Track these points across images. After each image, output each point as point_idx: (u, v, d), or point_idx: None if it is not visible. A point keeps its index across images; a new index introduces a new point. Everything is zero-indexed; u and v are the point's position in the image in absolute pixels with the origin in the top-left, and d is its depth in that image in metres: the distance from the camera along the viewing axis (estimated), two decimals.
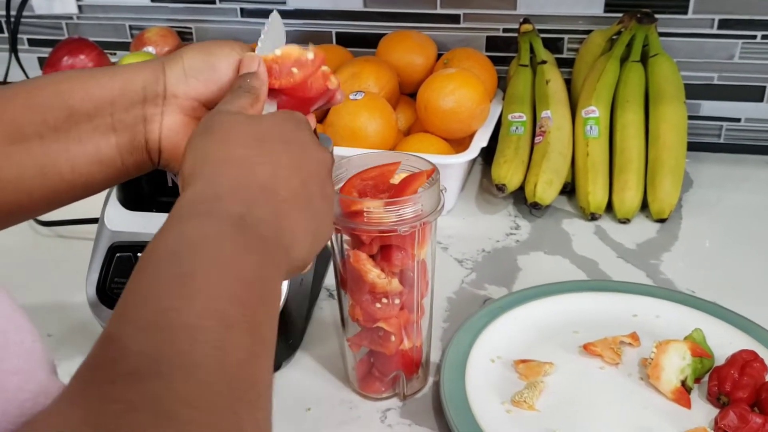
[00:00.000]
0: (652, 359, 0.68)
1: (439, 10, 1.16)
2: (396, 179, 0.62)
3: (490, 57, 1.12)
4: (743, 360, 0.66)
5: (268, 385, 0.39)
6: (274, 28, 0.61)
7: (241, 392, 0.35)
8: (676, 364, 0.66)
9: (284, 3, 1.21)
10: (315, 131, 0.59)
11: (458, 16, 1.16)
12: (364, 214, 0.58)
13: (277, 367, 0.73)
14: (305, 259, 0.48)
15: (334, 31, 1.22)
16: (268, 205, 0.45)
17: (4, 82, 1.31)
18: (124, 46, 1.29)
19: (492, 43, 1.17)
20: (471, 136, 1.01)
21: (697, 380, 0.68)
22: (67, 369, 0.35)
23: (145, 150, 0.56)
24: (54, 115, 0.53)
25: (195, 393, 0.33)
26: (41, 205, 0.56)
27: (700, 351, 0.68)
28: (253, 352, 0.38)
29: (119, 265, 0.69)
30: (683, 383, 0.66)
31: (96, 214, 0.73)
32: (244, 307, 0.38)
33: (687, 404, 0.65)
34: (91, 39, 1.21)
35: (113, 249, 0.70)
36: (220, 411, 0.33)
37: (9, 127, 0.53)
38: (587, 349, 0.71)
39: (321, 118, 1.03)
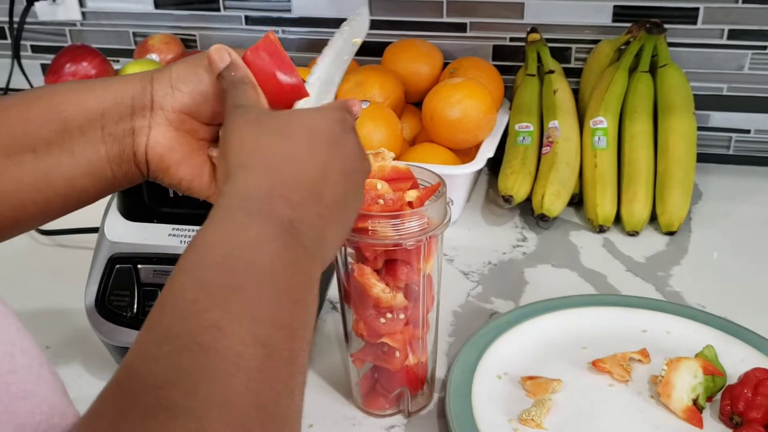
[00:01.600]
0: (662, 377, 0.66)
1: (445, 19, 1.15)
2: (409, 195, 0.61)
3: (496, 66, 1.11)
4: (757, 379, 0.64)
5: (299, 421, 0.37)
6: (355, 25, 0.59)
7: (275, 424, 0.33)
8: (688, 382, 0.65)
9: (289, 11, 1.20)
10: None
11: (465, 24, 1.15)
12: (369, 228, 0.57)
13: None
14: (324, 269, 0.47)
15: None
16: (314, 210, 0.43)
17: (7, 89, 1.30)
18: (128, 53, 1.28)
19: (499, 53, 1.15)
20: (477, 147, 0.99)
21: (709, 399, 0.66)
22: (65, 381, 0.34)
23: (134, 162, 0.55)
24: (48, 128, 0.52)
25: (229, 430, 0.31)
26: (37, 218, 0.55)
27: (712, 369, 0.66)
28: (290, 386, 0.35)
29: (119, 276, 0.68)
30: (695, 402, 0.65)
31: (96, 223, 0.72)
32: (287, 332, 0.36)
33: (699, 424, 0.64)
34: (95, 46, 1.20)
35: (113, 260, 0.69)
36: None
37: (3, 140, 0.52)
38: (596, 365, 0.70)
39: None
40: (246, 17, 1.22)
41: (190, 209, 0.69)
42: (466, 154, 1.01)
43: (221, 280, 0.36)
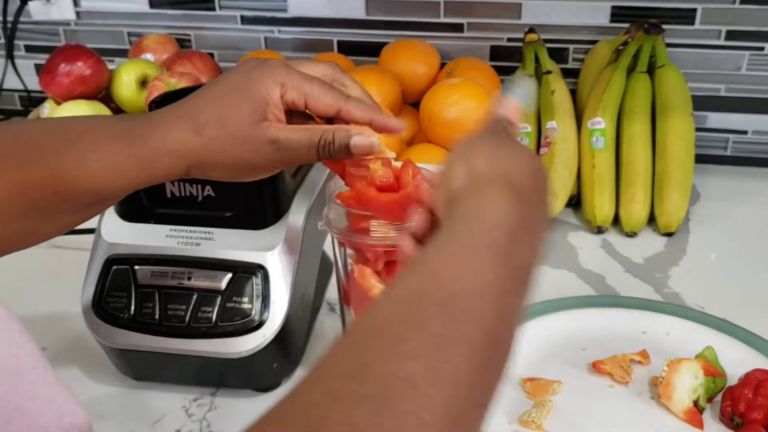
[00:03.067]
0: (663, 378, 0.66)
1: (442, 19, 1.14)
2: None
3: (494, 67, 1.11)
4: (757, 380, 0.64)
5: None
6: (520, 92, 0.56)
7: None
8: (688, 384, 0.65)
9: (285, 10, 1.20)
10: None
11: (462, 25, 1.14)
12: (371, 229, 0.57)
13: (277, 384, 0.71)
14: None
15: (335, 39, 1.20)
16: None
17: (0, 89, 1.29)
18: (123, 53, 1.27)
19: (496, 53, 1.15)
20: None
21: (710, 400, 0.66)
22: None
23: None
24: (68, 202, 0.53)
25: None
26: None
27: (712, 370, 0.66)
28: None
29: (116, 278, 0.67)
30: (695, 403, 0.65)
31: (93, 224, 0.71)
32: (480, 408, 0.34)
33: (700, 425, 0.64)
34: (89, 46, 1.19)
35: (110, 261, 0.68)
36: None
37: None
38: (596, 367, 0.70)
39: None
40: (241, 17, 1.22)
41: (187, 210, 0.68)
42: None
43: (437, 326, 0.33)
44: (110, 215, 0.70)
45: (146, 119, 0.53)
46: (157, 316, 0.66)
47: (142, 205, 0.69)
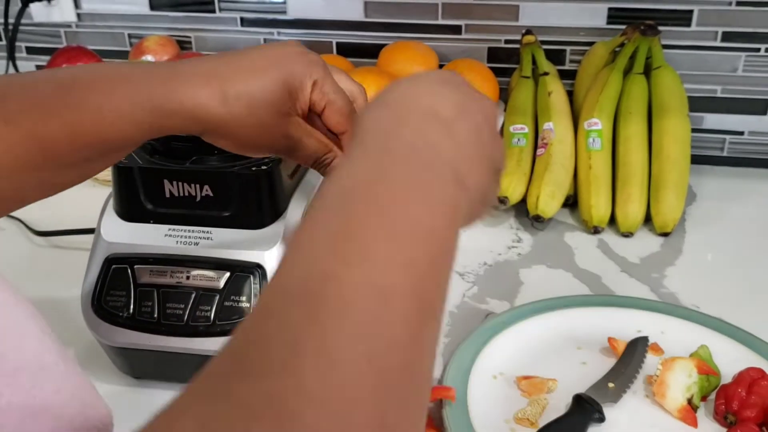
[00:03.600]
0: (657, 376, 0.66)
1: (440, 21, 1.15)
2: None
3: (491, 68, 1.11)
4: (751, 378, 0.65)
5: (430, 367, 0.32)
6: None
7: (391, 385, 0.29)
8: (683, 382, 0.65)
9: (284, 12, 1.20)
10: None
11: (460, 26, 1.15)
12: None
13: None
14: (482, 191, 0.41)
15: (334, 41, 1.21)
16: (439, 127, 0.39)
17: None
18: (123, 55, 1.28)
19: (494, 55, 1.16)
20: None
21: (704, 398, 0.67)
22: None
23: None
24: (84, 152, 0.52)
25: (329, 389, 0.27)
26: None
27: (706, 368, 0.66)
28: (413, 326, 0.31)
29: (115, 277, 0.68)
30: (689, 401, 0.65)
31: (92, 224, 0.72)
32: (412, 270, 0.32)
33: (693, 423, 0.64)
34: (90, 47, 1.20)
35: (109, 261, 0.69)
36: (360, 412, 0.27)
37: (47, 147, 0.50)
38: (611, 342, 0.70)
39: None
40: (241, 19, 1.23)
41: (186, 210, 0.69)
42: None
43: (337, 222, 0.33)
44: (110, 215, 0.71)
45: (171, 71, 0.52)
46: (155, 315, 0.67)
47: (141, 205, 0.69)
